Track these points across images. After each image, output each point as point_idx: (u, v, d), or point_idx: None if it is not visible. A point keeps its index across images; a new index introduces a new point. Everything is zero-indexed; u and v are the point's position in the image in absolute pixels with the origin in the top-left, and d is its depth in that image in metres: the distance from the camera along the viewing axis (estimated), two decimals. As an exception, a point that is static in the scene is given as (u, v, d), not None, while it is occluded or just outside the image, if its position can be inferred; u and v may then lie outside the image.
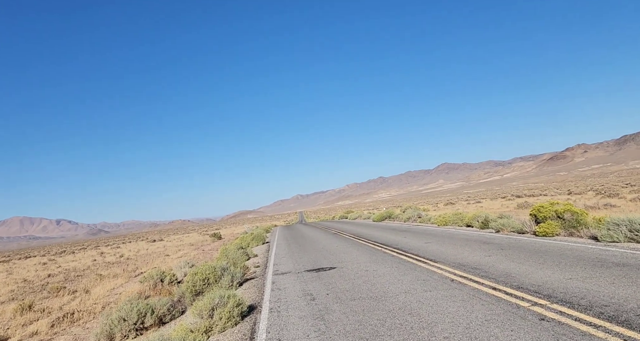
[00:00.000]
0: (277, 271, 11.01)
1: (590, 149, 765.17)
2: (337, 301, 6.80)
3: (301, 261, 12.40)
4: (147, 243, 50.36)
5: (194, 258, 22.13)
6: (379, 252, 12.18)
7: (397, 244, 13.63)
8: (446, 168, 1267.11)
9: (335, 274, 9.36)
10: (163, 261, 22.22)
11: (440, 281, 7.30)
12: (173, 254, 26.83)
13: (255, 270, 12.47)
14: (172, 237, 69.75)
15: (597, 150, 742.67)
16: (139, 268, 20.21)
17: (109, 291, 14.13)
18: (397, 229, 20.44)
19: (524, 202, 27.64)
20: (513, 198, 47.09)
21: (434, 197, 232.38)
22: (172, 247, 35.64)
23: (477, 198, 67.07)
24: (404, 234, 17.14)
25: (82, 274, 20.05)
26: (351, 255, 12.19)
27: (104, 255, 32.29)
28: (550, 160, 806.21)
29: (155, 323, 8.93)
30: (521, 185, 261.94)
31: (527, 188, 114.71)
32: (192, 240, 43.87)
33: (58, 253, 46.32)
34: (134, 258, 27.75)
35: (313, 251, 14.71)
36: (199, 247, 31.58)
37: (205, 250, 26.78)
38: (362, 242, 15.92)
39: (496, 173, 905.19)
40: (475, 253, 9.82)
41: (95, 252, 41.04)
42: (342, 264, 10.72)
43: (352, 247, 14.57)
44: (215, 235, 37.09)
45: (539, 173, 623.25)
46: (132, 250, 36.01)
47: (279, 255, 15.08)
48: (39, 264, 30.33)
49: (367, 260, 10.81)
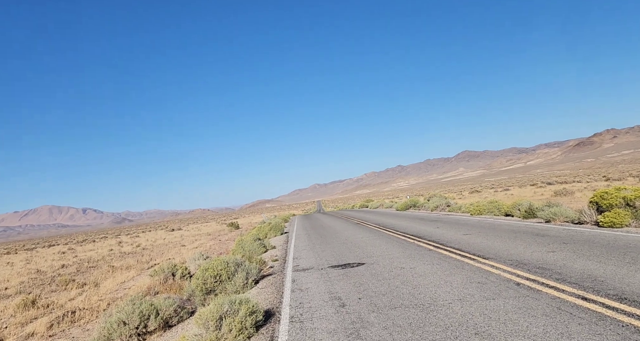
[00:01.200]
0: (297, 267, 9.75)
1: (620, 134, 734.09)
2: (374, 309, 5.46)
3: (324, 255, 11.11)
4: (165, 233, 50.31)
5: (210, 249, 21.22)
6: (411, 245, 10.75)
7: (431, 236, 12.15)
8: (467, 156, 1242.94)
9: (365, 272, 8.01)
10: (178, 252, 21.42)
11: (502, 285, 5.84)
12: (189, 244, 26.09)
13: (273, 264, 11.26)
14: (190, 226, 69.94)
15: (627, 135, 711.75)
16: (153, 259, 19.42)
17: (118, 285, 13.24)
18: (425, 219, 18.89)
19: (561, 189, 25.53)
20: (544, 185, 44.55)
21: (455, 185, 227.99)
22: (189, 236, 35.09)
23: (503, 185, 64.32)
24: (435, 224, 15.61)
25: (96, 265, 19.42)
26: (380, 249, 10.81)
27: (122, 245, 32.00)
28: (576, 147, 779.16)
29: (160, 327, 7.81)
30: (546, 173, 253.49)
31: (554, 176, 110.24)
32: (209, 230, 43.38)
33: (80, 242, 46.75)
34: (150, 248, 27.18)
35: (336, 243, 13.40)
36: (215, 236, 30.81)
37: (222, 240, 25.91)
38: (389, 232, 14.49)
39: (519, 160, 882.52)
40: (532, 248, 8.26)
41: (115, 241, 41.07)
42: (371, 259, 9.36)
43: (379, 238, 13.18)
44: (232, 224, 36.32)
45: (564, 160, 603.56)
46: (149, 240, 35.67)
47: (298, 247, 13.84)
48: (59, 253, 30.24)
49: (400, 255, 9.41)
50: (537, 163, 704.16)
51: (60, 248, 39.49)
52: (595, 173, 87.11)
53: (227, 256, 9.95)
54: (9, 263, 26.03)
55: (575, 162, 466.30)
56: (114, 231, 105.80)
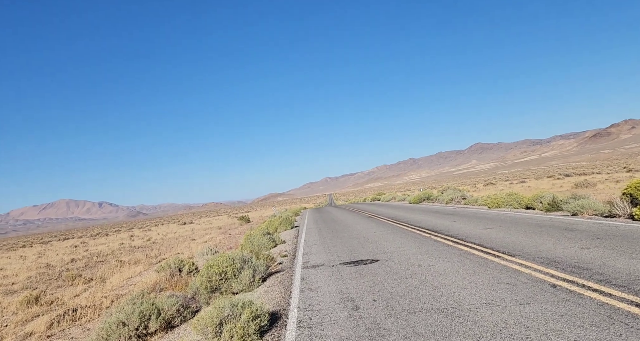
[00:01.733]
0: (307, 264, 9.22)
1: (639, 125, 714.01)
2: (390, 313, 4.88)
3: (335, 250, 10.56)
4: (177, 226, 50.47)
5: (219, 243, 20.90)
6: (428, 240, 10.11)
7: (449, 230, 11.48)
8: (479, 149, 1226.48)
9: (380, 269, 7.43)
10: (188, 246, 21.16)
11: (535, 286, 5.20)
12: (199, 238, 25.87)
13: (281, 260, 10.76)
14: (202, 219, 70.24)
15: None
16: (162, 254, 19.18)
17: (125, 280, 12.94)
18: (440, 212, 18.17)
19: (581, 180, 24.42)
20: (562, 177, 43.17)
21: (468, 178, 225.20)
22: (199, 230, 34.99)
23: (519, 177, 62.78)
24: (451, 218, 14.91)
25: (105, 259, 19.28)
26: (394, 244, 10.20)
27: (133, 238, 32.05)
28: (593, 138, 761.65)
29: (161, 328, 7.38)
30: (561, 165, 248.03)
31: (570, 167, 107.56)
32: (220, 223, 43.29)
33: (93, 236, 47.24)
34: (160, 242, 27.07)
35: (348, 237, 12.83)
36: (226, 230, 30.57)
37: (232, 234, 25.61)
38: (403, 227, 13.86)
39: (533, 152, 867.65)
40: (563, 244, 7.56)
41: (127, 234, 41.31)
42: (385, 255, 8.77)
43: (393, 233, 12.56)
44: (243, 218, 36.06)
45: (580, 152, 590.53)
46: (160, 233, 35.70)
47: (309, 242, 13.33)
48: (71, 247, 30.42)
49: (417, 251, 8.80)
50: (552, 155, 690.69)
51: (74, 241, 39.88)
52: (613, 164, 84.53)
53: (233, 253, 9.48)
54: (22, 257, 26.24)
55: (592, 154, 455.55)
56: (128, 224, 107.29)
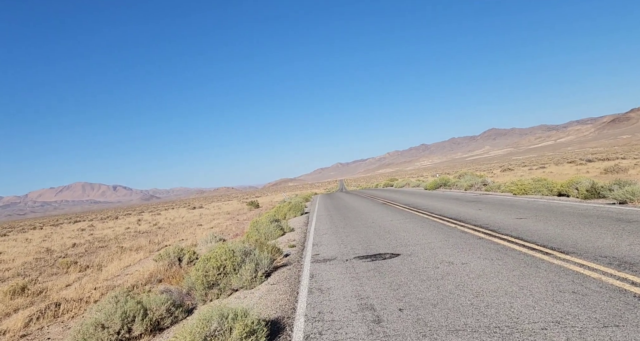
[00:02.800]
0: (317, 257, 8.12)
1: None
2: (424, 331, 3.73)
3: (349, 241, 9.43)
4: (186, 211, 50.07)
5: (226, 229, 20.01)
6: (454, 231, 8.89)
7: (476, 219, 10.23)
8: (493, 134, 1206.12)
9: (402, 266, 6.27)
10: (193, 232, 20.34)
11: (615, 299, 3.97)
12: (206, 224, 25.08)
13: (289, 251, 9.69)
14: (212, 204, 69.96)
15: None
16: (166, 240, 18.38)
17: (122, 269, 12.09)
18: (461, 199, 16.85)
19: (612, 165, 22.69)
20: (584, 163, 41.12)
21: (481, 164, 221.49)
22: (208, 215, 34.30)
23: (537, 163, 60.53)
24: (475, 205, 13.61)
25: (107, 245, 18.59)
26: (416, 235, 9.01)
27: (140, 223, 31.54)
28: (611, 123, 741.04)
29: (147, 331, 6.38)
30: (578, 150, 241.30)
31: (589, 153, 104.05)
32: (229, 208, 42.62)
33: (103, 219, 47.19)
34: (166, 227, 26.39)
35: (362, 226, 11.68)
36: (234, 216, 29.77)
37: (240, 220, 24.74)
38: (423, 214, 12.63)
39: (549, 138, 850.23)
40: (628, 239, 6.26)
41: (135, 218, 41.00)
42: (407, 249, 7.60)
43: (412, 221, 11.35)
44: (252, 203, 35.21)
45: (598, 137, 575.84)
46: (168, 218, 35.17)
47: (319, 230, 12.23)
48: (78, 230, 30.06)
49: (443, 244, 7.59)
50: (568, 140, 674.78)
51: (83, 224, 39.72)
52: (635, 149, 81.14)
53: (234, 243, 8.41)
54: (27, 240, 25.90)
55: (610, 139, 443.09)
56: (139, 208, 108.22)
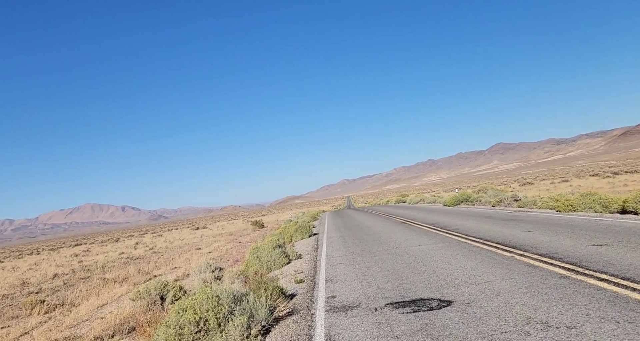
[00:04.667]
0: (333, 301, 5.96)
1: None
2: None
3: (372, 274, 7.26)
4: (189, 231, 48.04)
5: (226, 253, 17.88)
6: (515, 263, 6.67)
7: (534, 246, 8.00)
8: (501, 149, 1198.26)
9: (467, 328, 4.10)
10: (189, 258, 18.23)
11: None
12: (206, 247, 22.97)
13: (295, 289, 7.53)
14: (216, 223, 67.83)
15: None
16: (158, 268, 16.28)
17: (95, 309, 9.99)
18: (495, 217, 14.58)
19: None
20: (612, 176, 38.50)
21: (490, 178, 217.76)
22: (209, 236, 32.21)
23: (556, 177, 57.76)
24: (518, 225, 11.36)
25: (91, 275, 16.54)
26: (462, 268, 6.81)
27: (137, 246, 29.52)
28: (622, 136, 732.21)
29: None
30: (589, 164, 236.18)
31: (607, 165, 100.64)
32: (233, 228, 40.51)
33: (104, 242, 45.33)
34: (163, 251, 24.31)
35: (384, 252, 9.49)
36: (237, 237, 27.65)
37: (242, 242, 22.60)
38: (458, 237, 10.40)
39: (558, 151, 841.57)
40: None
41: (135, 241, 39.02)
42: (458, 290, 5.43)
43: (448, 247, 9.14)
44: (256, 223, 33.05)
45: (608, 151, 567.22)
46: (168, 240, 33.14)
47: (332, 257, 10.06)
48: (71, 256, 28.12)
49: (510, 284, 5.40)
50: (577, 154, 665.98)
51: (81, 248, 37.89)
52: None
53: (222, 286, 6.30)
54: (14, 268, 23.98)
55: (621, 152, 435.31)
56: (145, 228, 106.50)
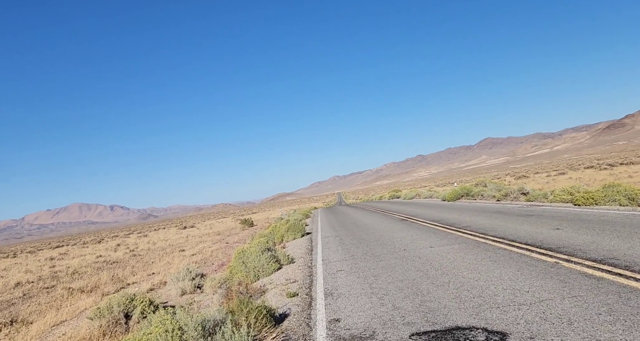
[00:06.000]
0: (337, 329, 4.51)
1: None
2: None
3: (382, 287, 5.81)
4: (176, 231, 46.17)
5: (210, 256, 16.32)
6: (572, 275, 5.29)
7: (580, 248, 6.65)
8: (489, 144, 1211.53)
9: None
10: (170, 261, 16.62)
11: None
12: (190, 248, 21.34)
13: (287, 306, 6.06)
14: (205, 222, 65.92)
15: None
16: (135, 273, 14.66)
17: (48, 329, 8.39)
18: (506, 212, 13.27)
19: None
20: (609, 167, 37.81)
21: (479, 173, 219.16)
22: (196, 236, 30.52)
23: (549, 170, 57.24)
24: (540, 222, 10.05)
25: (57, 284, 14.84)
26: (499, 279, 5.42)
27: (118, 248, 27.69)
28: (606, 129, 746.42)
29: None
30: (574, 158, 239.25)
31: (595, 158, 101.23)
32: (222, 227, 38.82)
33: (86, 243, 43.23)
34: (144, 253, 22.59)
35: (391, 256, 8.06)
36: (224, 237, 26.03)
37: (230, 243, 21.03)
38: (475, 237, 9.03)
39: (545, 146, 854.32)
40: None
41: (117, 242, 37.06)
42: (508, 314, 4.03)
43: (469, 250, 7.73)
44: (246, 221, 31.44)
45: (593, 144, 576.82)
46: (152, 241, 31.33)
47: (330, 263, 8.61)
48: (47, 259, 26.19)
49: (577, 304, 4.02)
50: (564, 148, 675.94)
51: (60, 251, 35.84)
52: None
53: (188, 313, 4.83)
54: (-20, 275, 22.04)
55: (606, 146, 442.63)
56: (133, 228, 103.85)
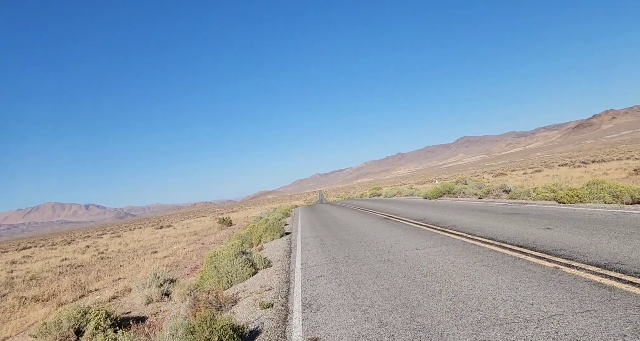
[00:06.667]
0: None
1: (619, 115, 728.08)
2: None
3: (367, 297, 5.19)
4: (152, 230, 44.53)
5: (183, 259, 15.40)
6: (578, 282, 4.82)
7: (579, 250, 6.22)
8: (466, 142, 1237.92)
9: None
10: (140, 264, 15.59)
11: None
12: (164, 250, 20.27)
13: (259, 320, 5.36)
14: (183, 221, 64.11)
15: (626, 116, 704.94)
16: (100, 278, 13.62)
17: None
18: (491, 211, 12.94)
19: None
20: (582, 165, 38.66)
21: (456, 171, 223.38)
22: (171, 236, 29.27)
23: (525, 167, 58.35)
24: (529, 222, 9.69)
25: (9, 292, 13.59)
26: (496, 287, 4.89)
27: (87, 250, 26.19)
28: (575, 129, 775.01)
29: None
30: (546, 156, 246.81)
31: (567, 156, 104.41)
32: (199, 227, 37.57)
33: (55, 244, 41.08)
34: (113, 256, 21.33)
35: (375, 259, 7.46)
36: (200, 237, 25.00)
37: (206, 244, 20.08)
38: (462, 238, 8.55)
39: (518, 144, 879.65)
40: None
41: (87, 243, 35.27)
42: (514, 334, 3.48)
43: (458, 253, 7.22)
44: (224, 220, 30.39)
45: (564, 143, 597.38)
46: (124, 242, 29.87)
47: (309, 267, 7.94)
48: (8, 263, 24.47)
49: (602, 325, 3.51)
50: (536, 146, 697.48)
51: (26, 252, 33.82)
52: (613, 152, 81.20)
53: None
54: None
55: (575, 144, 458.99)
56: (107, 228, 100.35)
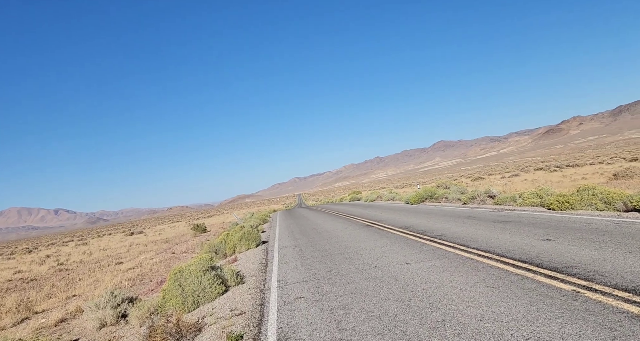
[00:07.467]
0: None
1: (586, 121, 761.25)
2: None
3: (355, 329, 4.27)
4: (122, 237, 42.25)
5: (150, 270, 14.09)
6: (614, 315, 4.06)
7: (595, 269, 5.50)
8: (442, 146, 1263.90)
9: None
10: (101, 278, 14.16)
11: None
12: (130, 260, 18.75)
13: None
14: (156, 227, 61.56)
15: (592, 122, 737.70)
16: (52, 296, 12.15)
17: None
18: (479, 218, 12.30)
19: (623, 170, 19.55)
20: (558, 169, 39.25)
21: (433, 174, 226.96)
22: (140, 244, 27.52)
23: (500, 171, 59.16)
24: (523, 231, 9.04)
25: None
26: (512, 318, 4.07)
27: (45, 261, 24.13)
28: (545, 134, 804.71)
29: None
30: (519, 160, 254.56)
31: (539, 161, 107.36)
32: (172, 233, 35.78)
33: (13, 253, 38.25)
34: (74, 267, 19.61)
35: (362, 277, 6.57)
36: (172, 245, 23.51)
37: (176, 253, 18.71)
38: (456, 251, 7.77)
39: (492, 149, 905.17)
40: None
41: (49, 251, 32.93)
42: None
43: (455, 270, 6.41)
44: (198, 227, 28.86)
45: (535, 148, 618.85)
46: (89, 251, 27.88)
47: (287, 285, 6.96)
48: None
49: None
50: (509, 151, 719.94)
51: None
52: (584, 156, 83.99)
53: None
54: None
55: (545, 149, 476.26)
56: (73, 235, 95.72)
